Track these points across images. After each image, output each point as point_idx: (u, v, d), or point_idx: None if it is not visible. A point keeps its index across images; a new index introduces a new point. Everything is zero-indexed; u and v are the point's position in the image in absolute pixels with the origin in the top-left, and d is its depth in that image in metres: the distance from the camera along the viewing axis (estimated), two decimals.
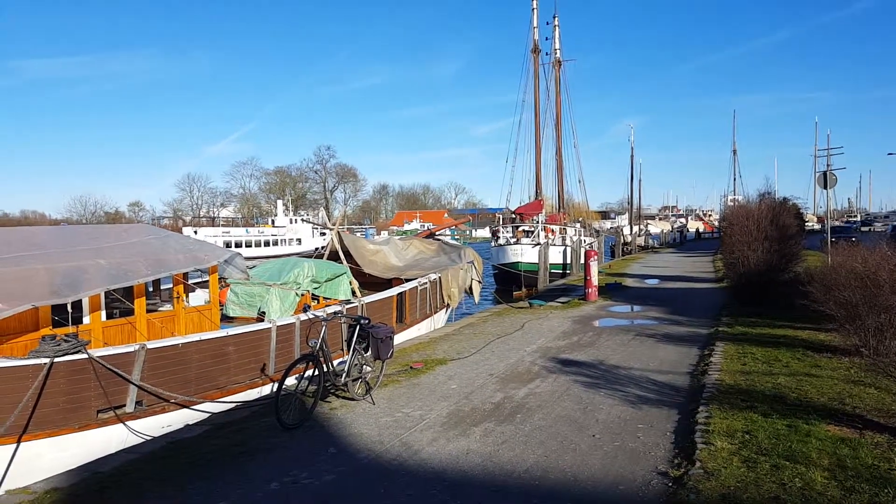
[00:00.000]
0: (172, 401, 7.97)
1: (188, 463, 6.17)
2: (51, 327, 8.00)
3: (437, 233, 25.77)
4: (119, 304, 9.03)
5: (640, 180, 75.91)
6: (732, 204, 43.32)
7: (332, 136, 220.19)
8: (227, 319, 11.70)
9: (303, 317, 10.10)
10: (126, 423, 7.58)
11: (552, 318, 15.72)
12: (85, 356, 7.07)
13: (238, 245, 63.58)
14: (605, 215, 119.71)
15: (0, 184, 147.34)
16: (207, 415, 8.19)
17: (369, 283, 15.79)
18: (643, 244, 59.93)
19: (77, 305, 8.40)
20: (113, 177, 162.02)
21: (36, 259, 8.00)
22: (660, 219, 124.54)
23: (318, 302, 13.12)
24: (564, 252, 34.35)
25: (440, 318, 17.01)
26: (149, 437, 7.61)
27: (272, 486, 5.58)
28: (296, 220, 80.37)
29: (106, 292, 8.53)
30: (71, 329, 8.14)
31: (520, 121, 40.72)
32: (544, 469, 5.89)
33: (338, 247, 15.57)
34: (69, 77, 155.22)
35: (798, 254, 17.62)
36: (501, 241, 35.02)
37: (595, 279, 19.18)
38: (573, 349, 11.58)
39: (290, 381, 7.49)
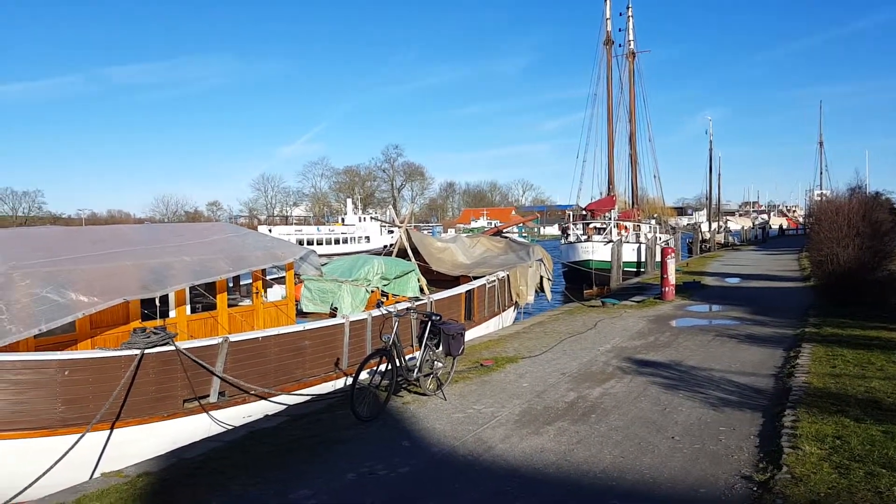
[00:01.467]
0: (252, 392, 8.24)
1: (268, 452, 6.36)
2: (140, 320, 8.42)
3: (504, 230, 25.62)
4: (202, 298, 9.41)
5: (719, 175, 73.05)
6: (819, 199, 41.00)
7: (399, 135, 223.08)
8: (301, 315, 12.02)
9: (374, 313, 10.25)
10: (209, 412, 7.89)
11: (626, 317, 15.34)
12: (172, 348, 7.40)
13: (310, 243, 65.30)
14: (681, 211, 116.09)
15: (89, 185, 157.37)
16: (285, 406, 8.43)
17: (436, 280, 15.87)
18: (723, 241, 57.76)
19: (164, 300, 8.80)
20: (193, 177, 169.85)
21: (126, 256, 8.44)
22: (740, 215, 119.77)
23: (387, 298, 13.28)
24: (638, 249, 33.47)
25: (508, 316, 16.91)
26: (230, 427, 7.90)
27: (350, 477, 5.69)
28: (364, 218, 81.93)
29: (190, 287, 8.90)
30: (159, 322, 8.54)
31: (591, 115, 40.02)
32: (621, 470, 5.74)
33: (406, 244, 15.72)
34: (152, 82, 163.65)
35: (892, 252, 16.53)
36: (571, 239, 34.47)
37: (672, 277, 18.59)
38: (649, 349, 11.26)
39: (364, 375, 7.60)
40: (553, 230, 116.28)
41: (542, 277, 18.51)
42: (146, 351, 7.16)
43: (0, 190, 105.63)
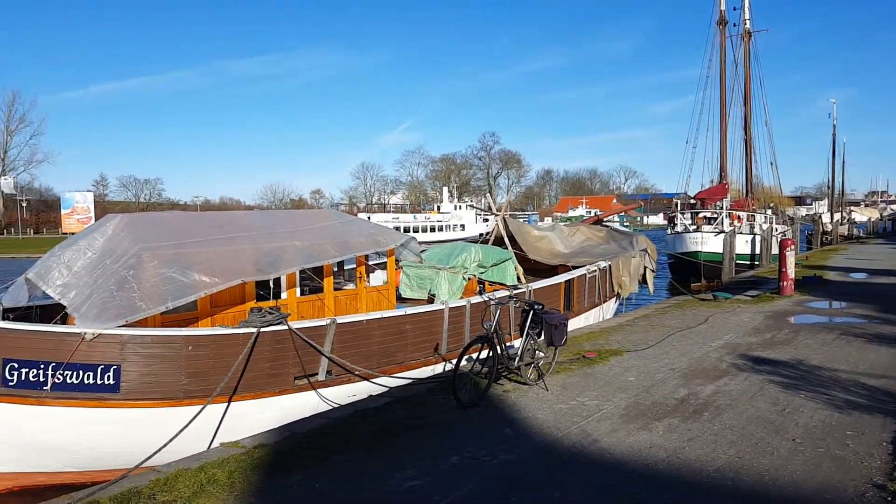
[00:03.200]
0: (356, 373, 8.49)
1: (374, 431, 6.53)
2: (255, 301, 8.88)
3: (605, 219, 24.91)
4: (309, 281, 9.79)
5: (843, 162, 67.52)
6: None
7: (496, 123, 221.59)
8: (400, 300, 12.25)
9: (474, 300, 10.27)
10: (318, 390, 8.21)
11: (740, 312, 14.51)
12: (285, 328, 7.75)
13: (406, 230, 66.67)
14: (799, 201, 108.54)
15: (204, 173, 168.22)
16: (386, 388, 8.63)
17: (533, 269, 15.69)
18: (846, 234, 53.47)
19: (276, 282, 9.23)
20: (298, 166, 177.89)
21: (243, 240, 8.90)
22: (866, 205, 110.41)
23: (484, 287, 13.27)
24: (753, 241, 31.54)
25: (609, 307, 16.46)
26: (336, 405, 8.18)
27: (453, 460, 5.74)
28: (460, 206, 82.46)
29: (300, 270, 9.28)
30: (272, 303, 8.97)
31: (702, 98, 37.93)
32: (737, 470, 5.43)
33: (503, 232, 15.62)
34: (261, 75, 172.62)
35: None
36: (679, 229, 32.94)
37: (791, 271, 17.38)
38: (766, 347, 10.58)
39: (463, 361, 7.64)
40: (657, 219, 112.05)
41: (645, 269, 17.85)
42: (262, 329, 7.53)
43: (124, 178, 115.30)
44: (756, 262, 30.98)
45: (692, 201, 36.25)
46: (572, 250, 17.20)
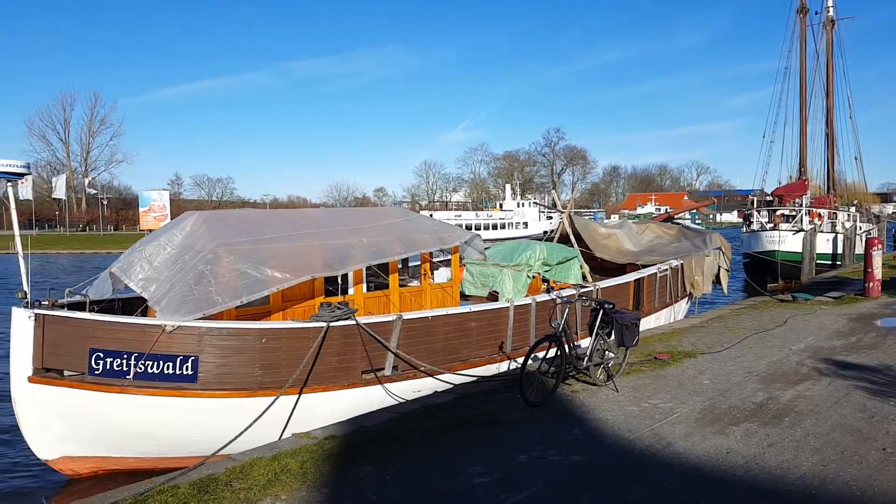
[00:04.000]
0: (422, 369, 8.52)
1: (441, 426, 6.55)
2: (324, 296, 9.05)
3: (675, 216, 24.16)
4: (375, 278, 9.90)
5: None
6: None
7: (561, 118, 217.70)
8: (463, 297, 12.24)
9: (539, 298, 10.15)
10: (384, 384, 8.30)
11: (822, 314, 13.78)
12: (353, 323, 7.87)
13: (468, 228, 66.66)
14: (885, 198, 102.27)
15: (273, 172, 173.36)
16: (451, 385, 8.64)
17: (600, 267, 15.37)
18: None
19: (344, 277, 9.39)
20: (362, 165, 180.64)
21: (313, 237, 9.10)
22: None
23: (548, 285, 13.09)
24: (834, 240, 29.94)
25: (681, 308, 15.95)
26: (402, 400, 8.25)
27: (521, 458, 5.68)
28: (523, 203, 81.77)
29: (367, 267, 9.40)
30: (340, 298, 9.12)
31: (781, 91, 36.26)
32: (822, 479, 5.15)
33: (569, 230, 15.36)
34: (327, 75, 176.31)
35: None
36: (755, 227, 31.61)
37: (878, 272, 16.40)
38: (851, 350, 10.01)
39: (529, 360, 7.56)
40: (731, 217, 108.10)
41: (719, 268, 17.19)
42: (331, 324, 7.67)
43: (198, 176, 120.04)
44: (838, 263, 29.40)
45: (769, 198, 34.74)
46: (641, 248, 16.76)
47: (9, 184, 7.43)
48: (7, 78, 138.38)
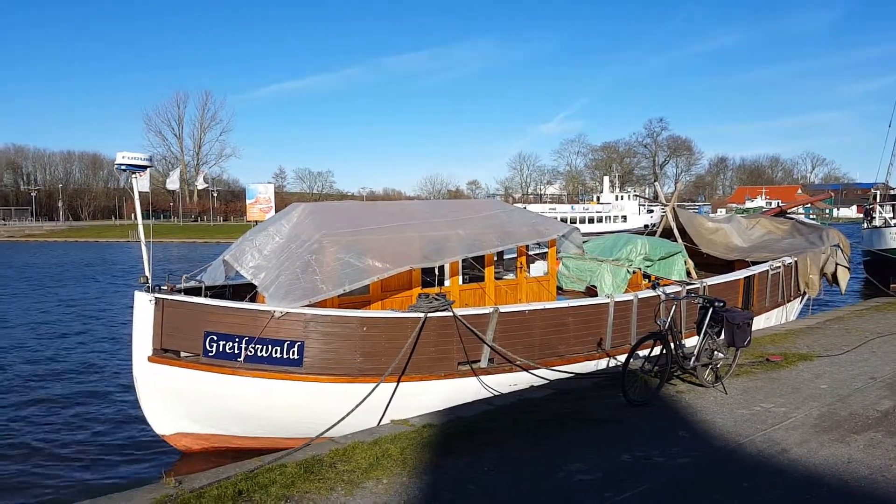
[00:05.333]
0: (517, 363, 8.45)
1: (539, 421, 6.47)
2: (421, 287, 9.16)
3: (788, 211, 22.64)
4: (471, 270, 9.91)
5: None
6: None
7: (664, 108, 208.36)
8: (559, 291, 12.02)
9: (642, 294, 9.81)
10: (479, 377, 8.31)
11: None
12: (450, 314, 7.92)
13: (563, 221, 65.56)
14: None
15: (370, 166, 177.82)
16: (547, 380, 8.52)
17: (706, 263, 14.65)
18: None
19: (440, 269, 9.46)
20: (456, 158, 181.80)
21: (411, 228, 9.23)
22: None
23: (649, 281, 12.62)
24: None
25: (794, 308, 14.94)
26: (497, 393, 8.23)
27: (624, 458, 5.52)
28: (622, 196, 79.36)
29: (463, 259, 9.42)
30: (436, 290, 9.21)
31: None
32: None
33: (672, 224, 14.75)
34: (423, 69, 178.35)
35: None
36: (878, 223, 29.10)
37: None
38: None
39: (624, 357, 7.32)
40: (850, 212, 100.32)
41: (836, 266, 15.96)
42: (429, 315, 7.75)
43: (300, 170, 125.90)
44: None
45: (893, 192, 31.87)
46: (751, 244, 15.83)
47: (133, 176, 8.01)
48: (126, 76, 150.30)
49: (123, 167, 7.72)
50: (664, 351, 7.20)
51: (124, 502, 4.66)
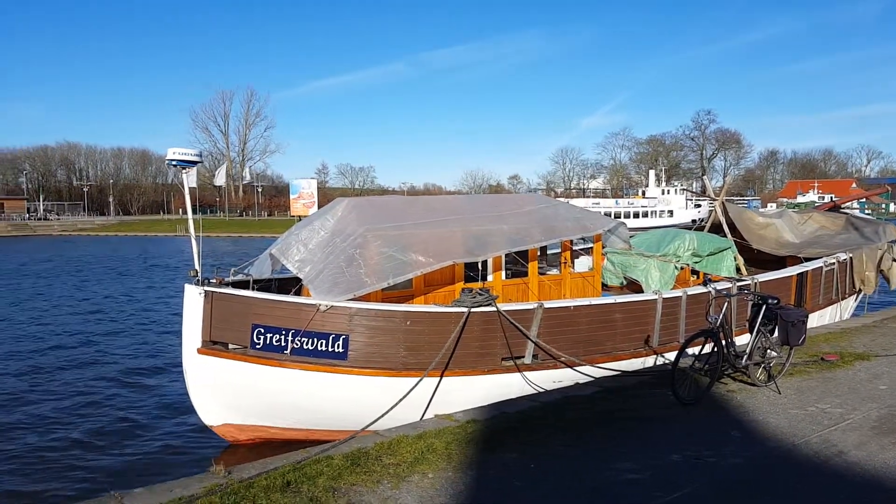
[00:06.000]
0: (562, 359, 8.35)
1: (584, 418, 6.39)
2: (463, 282, 9.13)
3: (842, 205, 21.84)
4: (513, 265, 9.83)
5: None
6: None
7: (712, 100, 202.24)
8: (604, 287, 11.83)
9: (691, 290, 9.58)
10: (523, 373, 8.24)
11: None
12: (494, 309, 7.87)
13: (607, 216, 64.57)
14: None
15: (410, 161, 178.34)
16: (592, 377, 8.39)
17: (756, 259, 14.23)
18: None
19: (483, 264, 9.41)
20: (497, 152, 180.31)
21: (454, 223, 9.20)
22: None
23: (698, 277, 12.31)
24: None
25: (848, 306, 14.41)
26: (541, 389, 8.15)
27: (674, 458, 5.40)
28: (668, 190, 77.77)
29: (506, 254, 9.35)
30: (479, 285, 9.16)
31: None
32: None
33: (722, 219, 14.36)
34: (463, 63, 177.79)
35: None
36: None
37: None
38: None
39: (672, 355, 7.15)
40: None
41: (893, 262, 15.32)
42: (472, 309, 7.72)
43: (342, 166, 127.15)
44: None
45: None
46: (804, 240, 15.32)
47: (183, 171, 8.18)
48: (174, 74, 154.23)
49: (174, 163, 7.89)
50: (715, 349, 7.01)
51: (179, 490, 4.76)
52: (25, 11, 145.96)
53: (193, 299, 7.85)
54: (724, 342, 7.02)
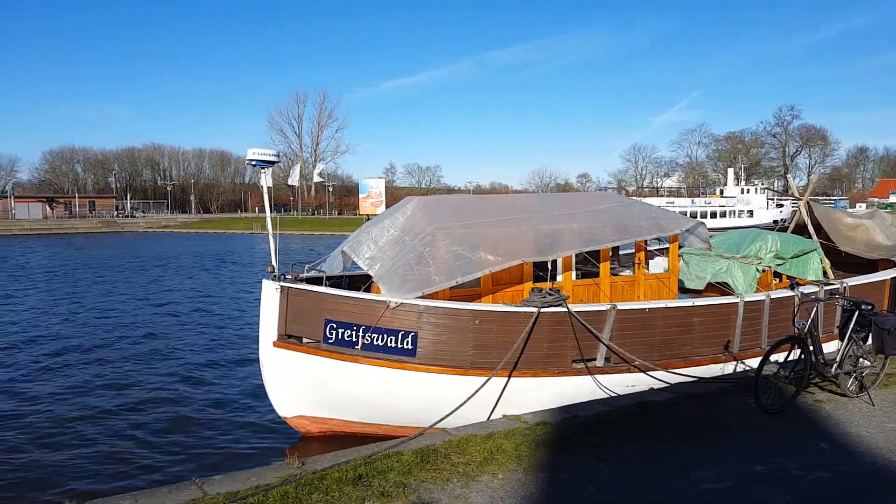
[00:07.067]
0: (636, 363, 8.11)
1: (660, 425, 6.18)
2: (532, 281, 9.01)
3: None
4: (584, 265, 9.62)
5: None
6: None
7: (796, 94, 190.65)
8: (680, 290, 11.42)
9: (775, 294, 9.12)
10: (594, 376, 8.06)
11: None
12: (565, 310, 7.73)
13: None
14: None
15: (476, 160, 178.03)
16: (668, 382, 8.12)
17: (843, 262, 13.40)
18: None
19: (553, 263, 9.26)
20: (565, 151, 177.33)
21: (523, 222, 9.09)
22: None
23: (780, 280, 11.69)
24: None
25: None
26: (614, 394, 7.94)
27: (756, 469, 5.15)
28: (747, 189, 74.48)
29: (577, 253, 9.16)
30: (548, 285, 9.02)
31: None
32: None
33: (807, 219, 13.60)
34: (529, 61, 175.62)
35: None
36: None
37: None
38: None
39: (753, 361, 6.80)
40: None
41: None
42: (542, 309, 7.60)
43: (409, 165, 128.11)
44: None
45: None
46: None
47: (262, 171, 8.44)
48: (251, 78, 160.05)
49: (253, 162, 8.15)
50: (802, 356, 6.63)
51: (256, 478, 4.90)
52: (115, 22, 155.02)
53: (270, 294, 8.08)
54: (811, 349, 6.64)
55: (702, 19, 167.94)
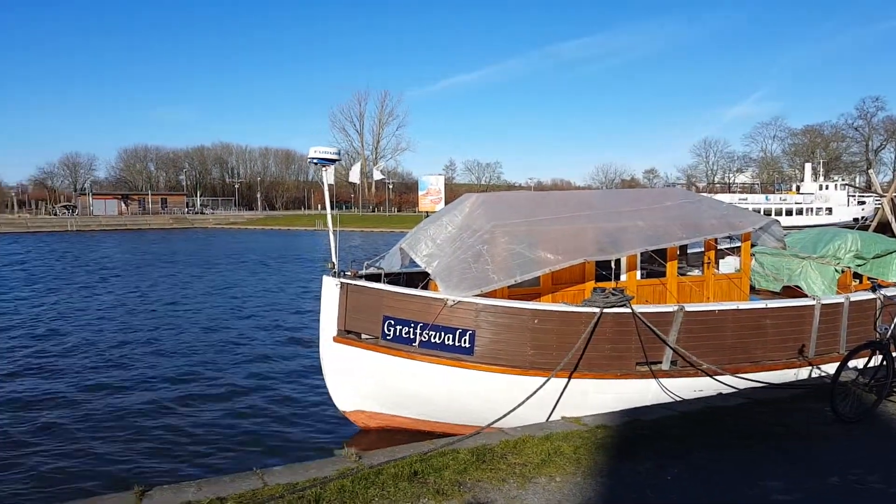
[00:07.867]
0: (703, 367, 7.79)
1: (728, 431, 5.91)
2: (594, 281, 8.80)
3: None
4: (649, 264, 9.32)
5: None
6: None
7: (881, 85, 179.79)
8: (752, 291, 10.94)
9: (855, 296, 8.61)
10: (660, 379, 7.80)
11: None
12: (629, 310, 7.50)
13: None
14: None
15: (537, 156, 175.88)
16: (738, 388, 7.77)
17: None
18: None
19: (616, 262, 9.01)
20: (631, 145, 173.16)
21: (586, 219, 8.89)
22: None
23: (861, 282, 11.04)
24: None
25: None
26: (679, 398, 7.66)
27: (832, 481, 4.86)
28: (826, 185, 70.73)
29: (642, 252, 8.89)
30: (611, 284, 8.78)
31: None
32: None
33: (891, 217, 12.84)
34: (596, 54, 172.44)
35: None
36: None
37: None
38: None
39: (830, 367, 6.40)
40: None
41: None
42: (605, 310, 7.41)
43: (469, 162, 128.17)
44: None
45: None
46: None
47: (324, 169, 8.56)
48: (315, 77, 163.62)
49: (315, 160, 8.27)
50: (884, 363, 6.22)
51: (315, 471, 4.97)
52: (186, 25, 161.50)
53: (330, 290, 8.20)
54: (894, 355, 6.21)
55: (776, 7, 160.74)
